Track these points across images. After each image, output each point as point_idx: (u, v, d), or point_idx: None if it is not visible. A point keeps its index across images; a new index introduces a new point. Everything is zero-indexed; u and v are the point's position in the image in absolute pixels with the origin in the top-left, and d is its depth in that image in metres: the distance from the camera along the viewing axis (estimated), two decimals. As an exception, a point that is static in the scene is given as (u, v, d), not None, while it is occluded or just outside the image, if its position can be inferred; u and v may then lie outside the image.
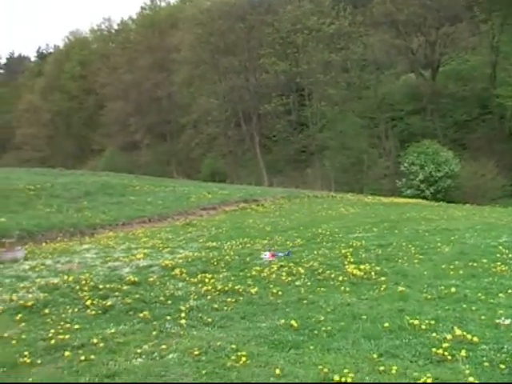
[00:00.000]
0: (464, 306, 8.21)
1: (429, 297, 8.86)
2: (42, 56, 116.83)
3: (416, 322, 7.35)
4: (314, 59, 60.61)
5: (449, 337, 6.69)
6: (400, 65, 66.75)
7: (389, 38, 61.98)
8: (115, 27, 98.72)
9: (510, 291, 8.82)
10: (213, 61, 67.24)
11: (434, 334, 6.95)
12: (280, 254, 13.45)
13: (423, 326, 7.21)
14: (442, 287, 9.30)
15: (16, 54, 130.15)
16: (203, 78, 69.89)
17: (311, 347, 6.83)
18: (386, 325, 7.34)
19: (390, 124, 58.77)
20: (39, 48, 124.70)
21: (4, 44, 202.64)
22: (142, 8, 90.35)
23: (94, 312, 9.17)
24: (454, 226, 16.71)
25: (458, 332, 6.76)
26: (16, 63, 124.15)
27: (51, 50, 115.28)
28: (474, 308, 8.05)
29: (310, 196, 34.80)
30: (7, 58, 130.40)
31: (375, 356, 6.38)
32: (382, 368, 5.99)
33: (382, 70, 64.84)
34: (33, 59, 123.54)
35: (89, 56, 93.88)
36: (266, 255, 13.30)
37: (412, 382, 5.52)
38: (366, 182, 51.14)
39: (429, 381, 5.54)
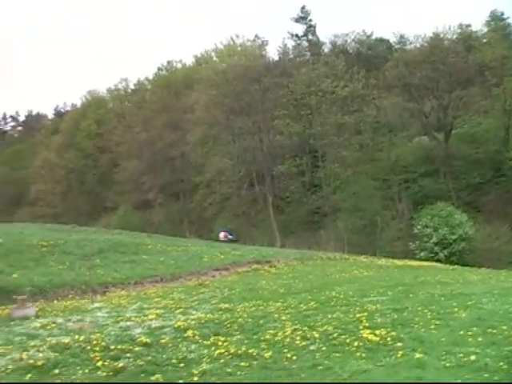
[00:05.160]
0: (486, 375, 7.87)
1: (447, 365, 8.52)
2: (59, 114, 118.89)
3: (436, 391, 7.11)
4: (327, 121, 61.23)
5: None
6: (413, 127, 67.39)
7: (401, 101, 62.92)
8: (132, 87, 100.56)
9: (531, 361, 8.54)
10: (227, 121, 67.79)
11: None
12: (230, 237, 20.02)
13: (444, 396, 6.97)
14: (461, 355, 8.92)
15: (34, 112, 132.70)
16: (217, 139, 70.36)
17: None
18: (405, 394, 7.11)
19: (403, 186, 58.78)
20: (57, 106, 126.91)
21: (23, 102, 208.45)
22: (159, 69, 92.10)
23: (104, 373, 8.96)
24: (470, 291, 16.38)
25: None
26: (34, 121, 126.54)
27: (68, 109, 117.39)
28: (496, 378, 7.72)
29: (323, 258, 34.54)
30: (25, 116, 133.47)
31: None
32: None
33: (395, 133, 65.39)
34: (50, 117, 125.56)
35: (105, 115, 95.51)
36: (221, 235, 19.71)
37: None
38: (379, 244, 50.79)
39: None
